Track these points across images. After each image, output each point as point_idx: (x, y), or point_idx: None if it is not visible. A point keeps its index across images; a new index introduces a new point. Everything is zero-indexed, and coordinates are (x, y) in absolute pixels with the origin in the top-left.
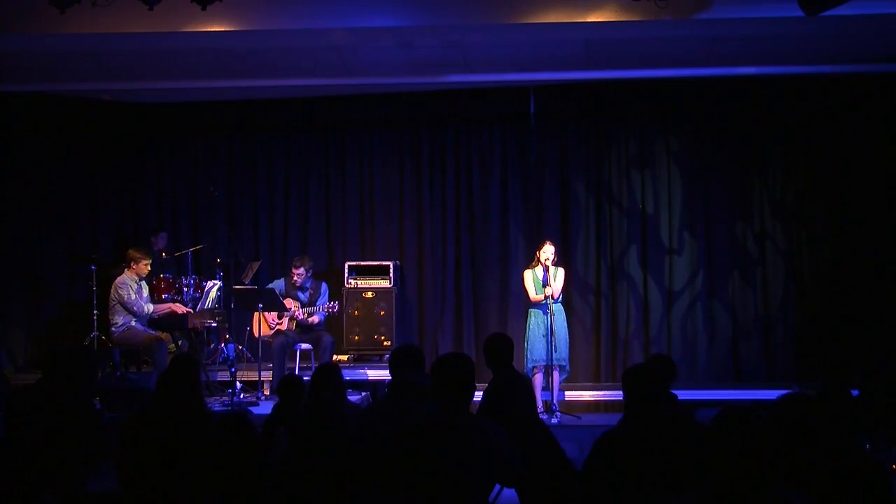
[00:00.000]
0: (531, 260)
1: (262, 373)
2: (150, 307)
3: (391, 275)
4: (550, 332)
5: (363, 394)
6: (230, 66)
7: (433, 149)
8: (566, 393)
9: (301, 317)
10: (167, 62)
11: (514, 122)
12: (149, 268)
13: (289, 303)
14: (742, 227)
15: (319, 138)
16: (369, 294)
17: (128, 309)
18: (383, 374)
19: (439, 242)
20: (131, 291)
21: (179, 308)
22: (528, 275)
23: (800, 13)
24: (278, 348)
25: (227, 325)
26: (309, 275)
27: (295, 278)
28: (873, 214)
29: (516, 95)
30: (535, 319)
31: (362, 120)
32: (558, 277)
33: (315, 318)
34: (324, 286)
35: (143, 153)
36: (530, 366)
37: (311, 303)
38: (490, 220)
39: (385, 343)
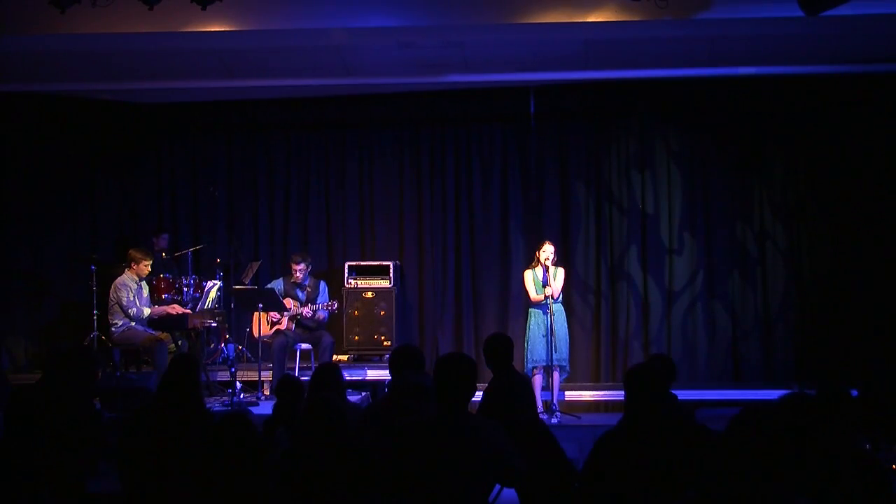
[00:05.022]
0: (531, 260)
1: (262, 373)
2: (147, 311)
3: (391, 275)
4: (550, 332)
5: (363, 394)
6: (230, 66)
7: (433, 149)
8: (566, 393)
9: (309, 313)
10: (167, 62)
11: (514, 122)
12: (149, 268)
13: (288, 302)
14: (742, 227)
15: (319, 138)
16: (369, 294)
17: (123, 311)
18: (383, 374)
19: (439, 242)
20: (130, 293)
21: (176, 309)
22: (528, 275)
23: (800, 13)
24: (278, 348)
25: (227, 325)
26: (308, 271)
27: (297, 274)
28: (873, 214)
29: (516, 95)
30: (535, 319)
31: (362, 120)
32: (558, 277)
33: (321, 315)
34: (322, 284)
35: (143, 153)
36: (530, 366)
37: (310, 301)
38: (490, 220)
39: (385, 343)
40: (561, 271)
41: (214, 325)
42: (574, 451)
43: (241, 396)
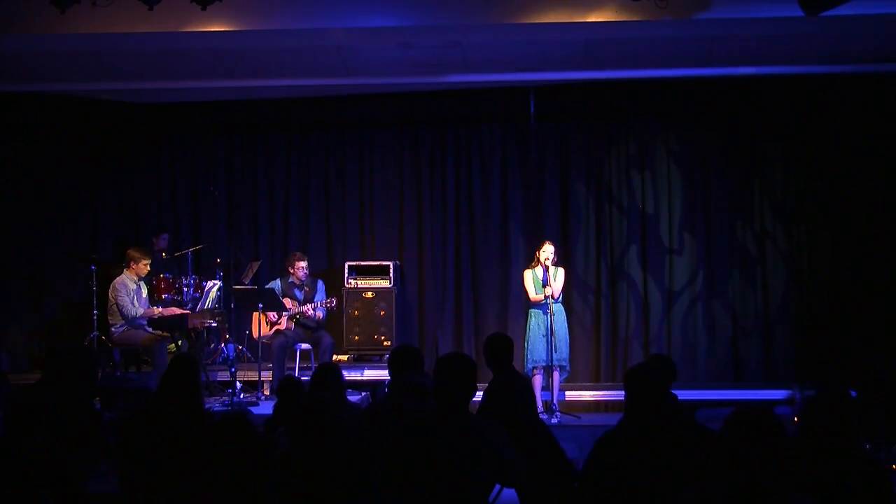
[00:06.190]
0: (531, 260)
1: (262, 373)
2: (140, 311)
3: (391, 275)
4: (550, 332)
5: (363, 394)
6: (230, 66)
7: (433, 149)
8: (566, 393)
9: (311, 313)
10: (167, 62)
11: (514, 122)
12: (148, 268)
13: (287, 302)
14: (742, 227)
15: (319, 138)
16: (369, 294)
17: (119, 311)
18: (383, 374)
19: (439, 242)
20: (129, 292)
21: (172, 311)
22: (528, 275)
23: (800, 13)
24: (278, 348)
25: (227, 325)
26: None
27: (299, 273)
28: (873, 214)
29: (516, 95)
30: (536, 319)
31: (362, 120)
32: (558, 277)
33: (320, 314)
34: (319, 283)
35: (143, 153)
36: (530, 366)
37: (308, 300)
38: (490, 220)
39: (385, 343)
40: (561, 271)
41: (214, 325)
42: (574, 451)
43: (241, 396)
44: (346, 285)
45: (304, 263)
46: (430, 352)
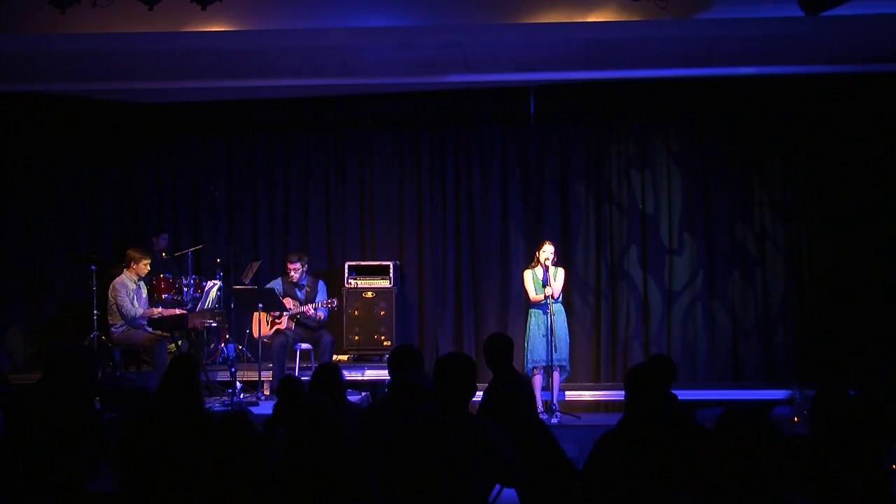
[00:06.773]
0: (531, 260)
1: (262, 373)
2: (139, 311)
3: (391, 275)
4: (550, 333)
5: (363, 394)
6: (230, 66)
7: (433, 149)
8: (566, 393)
9: (312, 312)
10: (167, 62)
11: (514, 122)
12: (148, 268)
13: (288, 302)
14: (742, 227)
15: (319, 138)
16: (369, 294)
17: (119, 311)
18: (383, 374)
19: (439, 242)
20: (129, 292)
21: (174, 311)
22: (527, 275)
23: (800, 13)
24: (278, 348)
25: (227, 325)
26: (304, 270)
27: (292, 274)
28: (873, 214)
29: (516, 95)
30: (536, 319)
31: (362, 120)
32: (558, 277)
33: (321, 314)
34: (320, 283)
35: (143, 153)
36: (530, 366)
37: (309, 300)
38: (490, 220)
39: (385, 343)
40: (561, 271)
41: (214, 325)
42: (574, 451)
43: (241, 396)
44: (346, 285)
45: (295, 265)
46: (430, 352)
